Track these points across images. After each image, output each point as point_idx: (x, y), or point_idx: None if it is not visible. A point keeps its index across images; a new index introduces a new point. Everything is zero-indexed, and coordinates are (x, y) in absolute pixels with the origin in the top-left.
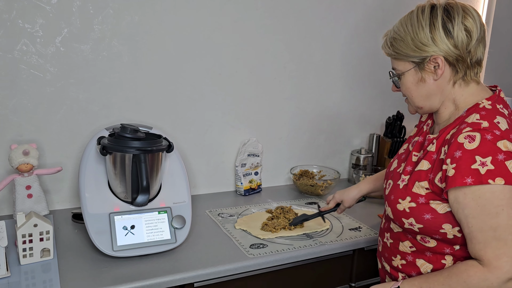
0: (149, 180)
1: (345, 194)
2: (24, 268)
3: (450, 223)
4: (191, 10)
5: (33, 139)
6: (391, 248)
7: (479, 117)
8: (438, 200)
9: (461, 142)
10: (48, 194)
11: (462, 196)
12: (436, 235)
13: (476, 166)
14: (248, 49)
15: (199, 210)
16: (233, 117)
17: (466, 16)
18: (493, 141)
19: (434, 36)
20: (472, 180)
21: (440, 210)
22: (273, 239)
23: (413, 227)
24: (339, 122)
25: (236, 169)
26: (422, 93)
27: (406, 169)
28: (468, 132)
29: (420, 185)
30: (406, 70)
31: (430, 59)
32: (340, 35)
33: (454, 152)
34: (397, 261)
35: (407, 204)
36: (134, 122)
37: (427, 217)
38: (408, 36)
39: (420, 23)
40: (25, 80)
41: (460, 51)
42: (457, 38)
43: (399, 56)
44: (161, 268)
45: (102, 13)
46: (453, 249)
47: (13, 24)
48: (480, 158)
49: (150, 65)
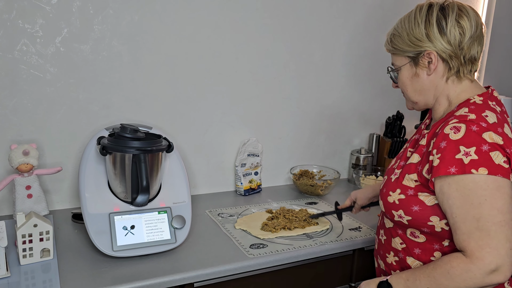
0: (149, 180)
1: (359, 192)
2: (24, 268)
3: (437, 215)
4: (191, 10)
5: (33, 139)
6: (385, 244)
7: (468, 110)
8: (426, 192)
9: (446, 133)
10: (48, 194)
11: (446, 186)
12: (425, 228)
13: (460, 156)
14: (248, 49)
15: (199, 210)
16: (233, 117)
17: (461, 14)
18: (478, 132)
19: (428, 32)
20: (456, 169)
21: (428, 202)
22: (273, 239)
23: (402, 219)
24: (339, 122)
25: (236, 169)
26: (416, 88)
27: (400, 164)
28: (454, 123)
29: (410, 177)
30: (402, 65)
31: (424, 54)
32: (340, 35)
33: (440, 142)
34: (391, 258)
35: (396, 196)
36: (134, 122)
37: (415, 209)
38: (404, 32)
39: (417, 20)
40: (25, 80)
41: (453, 47)
42: (450, 35)
43: (396, 51)
44: (161, 268)
45: (102, 13)
46: (442, 246)
47: (13, 24)
48: (464, 148)
49: (150, 65)
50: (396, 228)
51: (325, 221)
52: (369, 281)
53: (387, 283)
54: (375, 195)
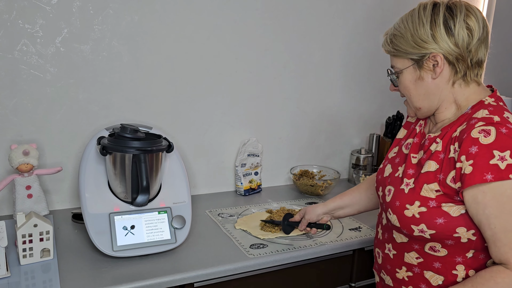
0: (149, 180)
1: (310, 207)
2: (24, 268)
3: (465, 226)
4: (191, 10)
5: (33, 139)
6: (395, 259)
7: (488, 112)
8: (451, 202)
9: (475, 137)
10: (48, 194)
11: (481, 195)
12: (449, 240)
13: (495, 161)
14: (248, 49)
15: (199, 210)
16: (233, 117)
17: (469, 14)
18: (508, 135)
19: (434, 33)
20: (492, 176)
21: (454, 213)
22: (273, 239)
23: (424, 234)
24: (339, 122)
25: (236, 169)
26: (420, 92)
27: (408, 172)
28: (482, 126)
29: (429, 187)
30: (405, 68)
31: (429, 57)
32: (339, 35)
33: (469, 148)
34: (402, 273)
35: (416, 209)
36: (134, 122)
37: (440, 221)
38: (408, 33)
39: (421, 20)
40: (25, 80)
41: (460, 50)
42: (458, 36)
43: (398, 53)
44: (161, 268)
45: (102, 13)
46: (465, 257)
47: (13, 25)
48: (499, 152)
49: (150, 65)
50: (412, 243)
51: None
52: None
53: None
54: (326, 212)
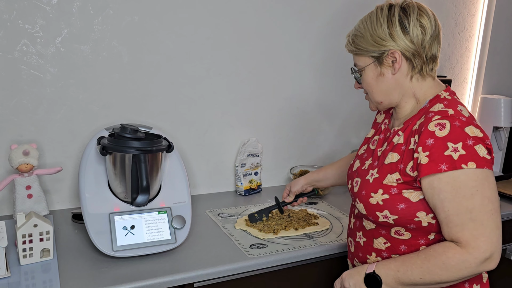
0: (149, 180)
1: (293, 181)
2: (24, 268)
3: (424, 210)
4: (191, 10)
5: (33, 139)
6: (365, 246)
7: (443, 106)
8: (410, 188)
9: (432, 130)
10: (48, 194)
11: (436, 181)
12: (411, 225)
13: (449, 152)
14: (248, 49)
15: (199, 210)
16: (233, 117)
17: (422, 14)
18: (461, 127)
19: (391, 31)
20: (447, 166)
21: (413, 199)
22: (273, 239)
23: (388, 220)
24: (339, 122)
25: (236, 169)
26: (382, 88)
27: (374, 164)
28: (438, 120)
29: (392, 177)
30: (367, 65)
31: (388, 54)
32: (339, 35)
33: (425, 140)
34: (372, 259)
35: (380, 197)
36: (134, 122)
37: (401, 207)
38: (367, 32)
39: (379, 20)
40: (25, 81)
41: (415, 46)
42: (412, 34)
43: (359, 51)
44: (161, 268)
45: (102, 14)
46: (428, 239)
47: (13, 25)
48: (452, 144)
49: (150, 65)
50: (379, 229)
51: (325, 221)
52: (352, 273)
53: (375, 275)
54: (307, 183)
